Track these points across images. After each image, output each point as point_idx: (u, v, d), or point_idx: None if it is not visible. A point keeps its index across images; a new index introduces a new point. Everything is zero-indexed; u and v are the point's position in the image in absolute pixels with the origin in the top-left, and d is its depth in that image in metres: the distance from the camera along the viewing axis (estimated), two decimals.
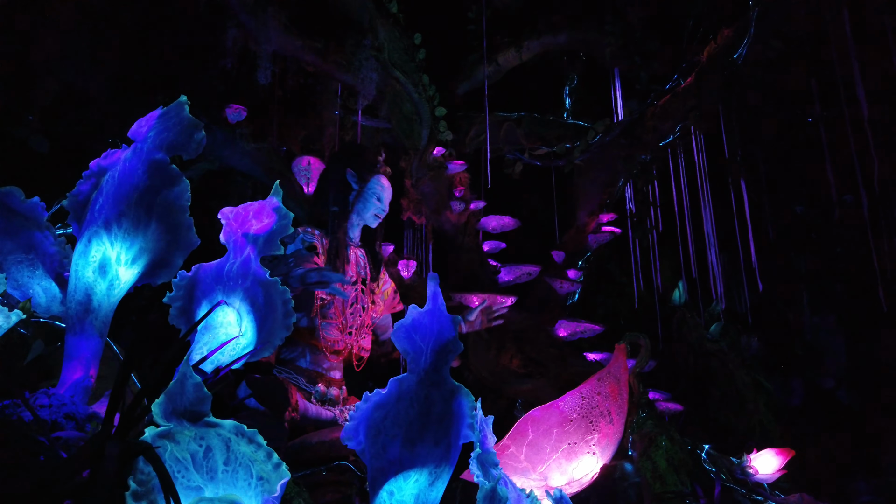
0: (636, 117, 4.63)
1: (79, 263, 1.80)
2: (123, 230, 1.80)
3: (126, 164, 1.83)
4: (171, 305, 1.83)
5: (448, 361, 1.64)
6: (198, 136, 1.85)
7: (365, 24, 4.78)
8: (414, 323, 1.63)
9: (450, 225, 5.27)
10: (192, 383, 1.35)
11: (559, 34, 5.38)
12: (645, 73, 4.87)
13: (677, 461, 3.22)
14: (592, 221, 5.45)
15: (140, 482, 1.22)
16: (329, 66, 4.56)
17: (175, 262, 1.89)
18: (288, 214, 1.90)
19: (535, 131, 5.24)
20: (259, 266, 1.81)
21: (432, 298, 1.66)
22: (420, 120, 4.94)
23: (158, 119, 1.84)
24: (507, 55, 5.50)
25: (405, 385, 1.62)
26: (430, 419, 1.61)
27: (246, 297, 1.78)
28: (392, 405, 1.62)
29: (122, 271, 1.83)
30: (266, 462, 1.30)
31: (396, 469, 1.62)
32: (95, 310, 1.80)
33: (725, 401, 6.35)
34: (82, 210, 1.88)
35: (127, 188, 1.81)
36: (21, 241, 2.21)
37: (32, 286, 2.28)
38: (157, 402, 1.31)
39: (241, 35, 4.24)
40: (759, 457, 3.46)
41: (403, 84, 4.84)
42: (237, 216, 1.86)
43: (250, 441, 1.32)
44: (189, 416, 1.33)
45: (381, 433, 1.63)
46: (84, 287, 1.79)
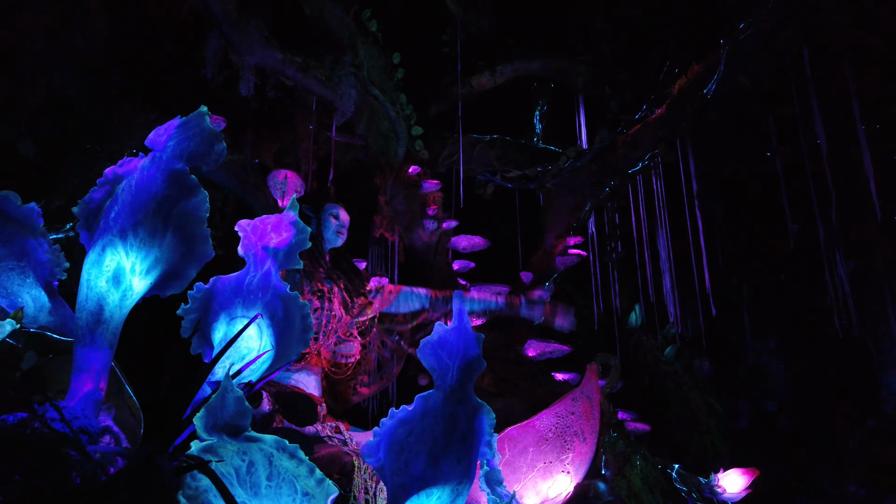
0: (607, 145, 4.78)
1: (91, 273, 1.75)
2: (139, 240, 1.76)
3: (144, 172, 1.79)
4: (185, 317, 1.80)
5: (473, 379, 1.67)
6: (218, 147, 1.83)
7: (345, 42, 4.81)
8: (440, 340, 1.66)
9: (421, 243, 5.30)
10: (234, 397, 1.33)
11: (532, 61, 5.53)
12: (615, 102, 5.04)
13: (652, 480, 3.31)
14: (560, 244, 5.57)
15: (189, 497, 1.19)
16: (308, 81, 4.56)
17: (188, 273, 1.86)
18: (305, 229, 1.90)
19: (508, 154, 5.35)
20: (279, 280, 1.80)
21: (458, 317, 1.69)
22: (397, 138, 4.97)
23: (178, 128, 1.82)
24: (480, 78, 5.61)
25: (431, 402, 1.64)
26: (455, 436, 1.63)
27: (266, 310, 1.76)
28: (417, 422, 1.64)
29: (136, 282, 1.78)
30: (309, 477, 1.29)
31: (419, 485, 1.63)
32: (107, 320, 1.75)
33: (680, 422, 6.55)
34: (94, 218, 1.83)
35: (145, 197, 1.77)
36: (14, 247, 2.12)
37: (22, 295, 2.19)
38: (199, 416, 1.29)
39: (221, 46, 4.20)
40: (726, 476, 3.58)
41: (381, 102, 4.88)
42: (255, 229, 1.85)
43: (292, 456, 1.31)
44: (230, 430, 1.31)
45: (405, 449, 1.64)
46: (96, 297, 1.74)
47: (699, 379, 6.92)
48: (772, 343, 10.06)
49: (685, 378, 6.68)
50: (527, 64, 5.52)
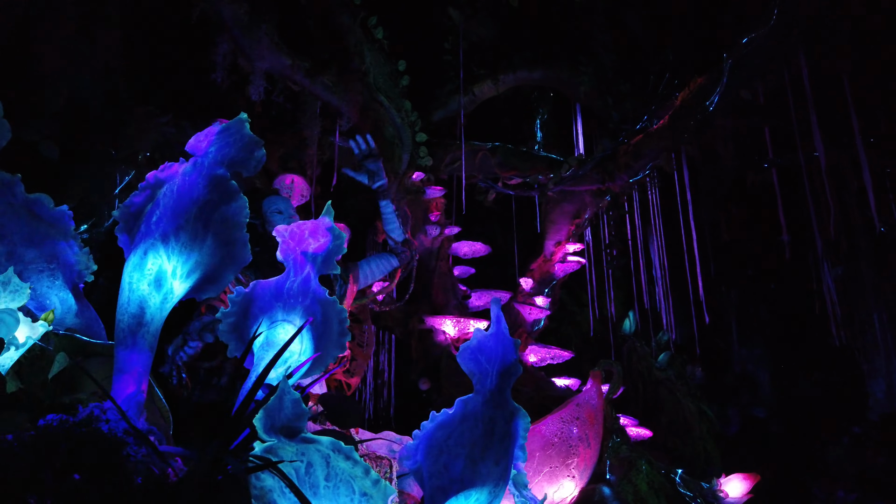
0: (609, 154, 4.86)
1: (133, 276, 1.77)
2: (181, 244, 1.79)
3: (186, 177, 1.82)
4: (223, 321, 1.82)
5: (510, 383, 1.71)
6: (258, 154, 1.86)
7: (351, 48, 4.84)
8: (479, 345, 1.70)
9: (423, 248, 5.34)
10: (291, 399, 1.36)
11: (534, 70, 5.60)
12: (616, 112, 5.12)
13: (657, 485, 3.37)
14: (559, 251, 5.64)
15: (255, 497, 1.22)
16: (316, 87, 4.59)
17: (226, 277, 1.88)
18: (341, 234, 1.93)
19: (509, 161, 5.41)
20: (318, 284, 1.83)
21: (496, 322, 1.73)
22: (401, 144, 5.01)
23: (219, 135, 1.85)
24: (483, 87, 5.67)
25: (470, 405, 1.68)
26: (493, 439, 1.67)
27: (305, 314, 1.79)
28: (456, 425, 1.67)
29: (177, 285, 1.81)
30: (365, 478, 1.32)
31: (458, 487, 1.66)
32: (148, 323, 1.77)
33: (672, 427, 6.62)
34: (134, 221, 1.85)
35: (186, 202, 1.80)
36: (45, 249, 2.13)
37: (50, 297, 2.20)
38: (258, 418, 1.32)
39: (230, 51, 4.22)
40: (728, 481, 3.66)
41: (387, 108, 4.92)
42: (293, 235, 1.88)
43: (347, 457, 1.34)
44: (287, 431, 1.34)
45: (444, 452, 1.68)
46: (138, 300, 1.76)
47: (692, 385, 7.01)
48: (758, 351, 10.23)
49: (678, 384, 6.76)
50: (528, 73, 5.59)
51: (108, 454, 1.29)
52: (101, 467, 1.28)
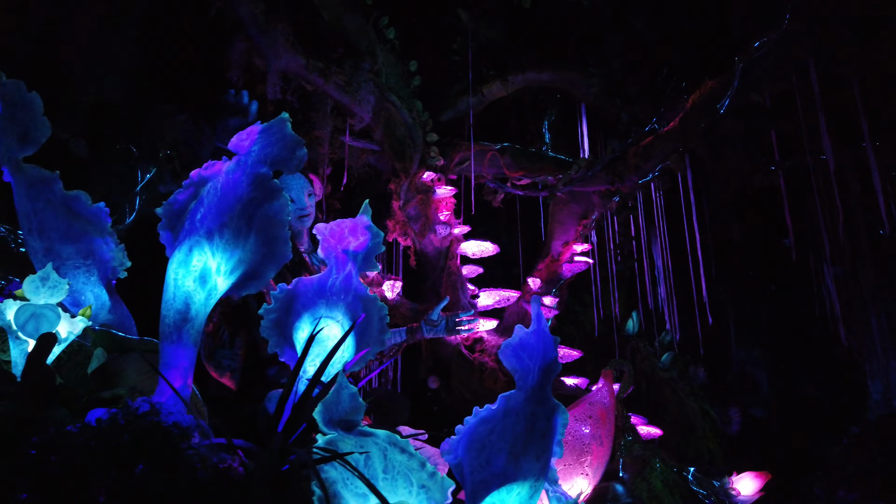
0: (618, 155, 4.90)
1: (178, 272, 1.79)
2: (224, 241, 1.81)
3: (229, 176, 1.84)
4: (265, 317, 1.85)
5: (551, 380, 1.74)
6: (300, 153, 1.89)
7: (364, 48, 4.87)
8: (521, 342, 1.73)
9: (432, 248, 5.37)
10: (348, 393, 1.39)
11: (543, 71, 5.64)
12: (625, 114, 5.17)
13: (672, 482, 3.41)
14: (567, 251, 5.68)
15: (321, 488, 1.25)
16: (329, 87, 4.62)
17: (267, 274, 1.91)
18: (379, 233, 1.96)
19: (518, 162, 5.44)
20: (359, 282, 1.86)
21: (537, 319, 1.77)
22: (412, 144, 5.04)
23: (261, 134, 1.88)
24: (492, 87, 5.71)
25: (512, 401, 1.71)
26: (535, 435, 1.70)
27: (348, 311, 1.82)
28: (499, 420, 1.71)
29: (220, 281, 1.83)
30: (422, 471, 1.35)
31: (500, 482, 1.70)
32: (192, 319, 1.79)
33: (676, 427, 6.68)
34: (177, 219, 1.88)
35: (230, 200, 1.83)
36: (81, 246, 2.15)
37: (85, 293, 2.22)
38: (318, 412, 1.35)
39: (246, 49, 4.24)
40: (739, 479, 3.70)
41: (398, 108, 4.95)
42: (332, 233, 1.91)
43: (403, 450, 1.38)
44: (344, 425, 1.37)
45: (486, 447, 1.71)
46: (183, 296, 1.79)
47: (694, 385, 7.07)
48: (757, 351, 10.30)
49: (681, 384, 6.82)
50: (537, 74, 5.63)
51: (170, 447, 1.32)
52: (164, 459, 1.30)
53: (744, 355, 10.23)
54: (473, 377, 4.82)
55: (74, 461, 1.29)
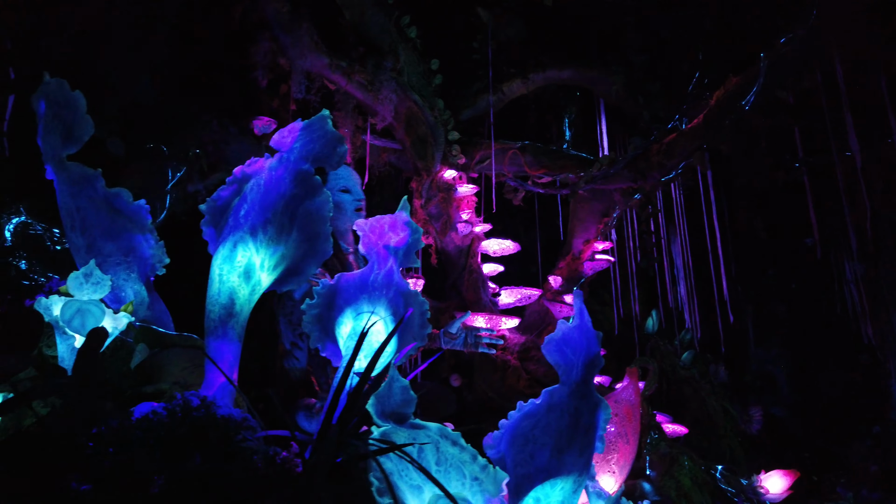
0: (640, 153, 4.89)
1: (223, 268, 1.81)
2: (268, 237, 1.83)
3: (272, 173, 1.86)
4: (307, 312, 1.86)
5: (595, 375, 1.74)
6: (340, 150, 1.91)
7: (386, 48, 4.88)
8: (564, 337, 1.73)
9: (453, 246, 5.38)
10: (399, 386, 1.40)
11: (564, 69, 5.63)
12: (647, 111, 5.15)
13: (700, 480, 3.39)
14: (588, 249, 5.67)
15: (378, 479, 1.26)
16: (352, 86, 4.63)
17: (307, 270, 1.93)
18: (418, 229, 1.97)
19: (539, 160, 5.44)
20: (400, 277, 1.87)
21: (579, 314, 1.77)
22: (434, 143, 5.05)
23: (303, 131, 1.89)
24: (512, 85, 5.70)
25: (556, 396, 1.71)
26: (579, 430, 1.71)
27: (389, 306, 1.83)
28: (543, 415, 1.71)
29: (264, 277, 1.85)
30: (473, 463, 1.36)
31: (544, 476, 1.70)
32: (237, 314, 1.81)
33: (697, 426, 6.63)
34: (220, 215, 1.90)
35: (273, 196, 1.84)
36: (122, 243, 2.17)
37: (126, 289, 2.25)
38: (371, 404, 1.36)
39: (270, 49, 4.26)
40: (768, 478, 3.68)
41: (420, 107, 4.96)
42: (373, 229, 1.92)
43: (454, 443, 1.38)
44: (396, 417, 1.38)
45: (530, 441, 1.71)
46: (228, 291, 1.80)
47: (715, 384, 7.02)
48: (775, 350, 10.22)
49: (702, 383, 6.78)
50: (558, 72, 5.62)
51: (227, 438, 1.33)
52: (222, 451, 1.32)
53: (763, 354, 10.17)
54: (496, 375, 4.82)
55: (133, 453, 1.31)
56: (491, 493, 1.31)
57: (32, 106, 2.08)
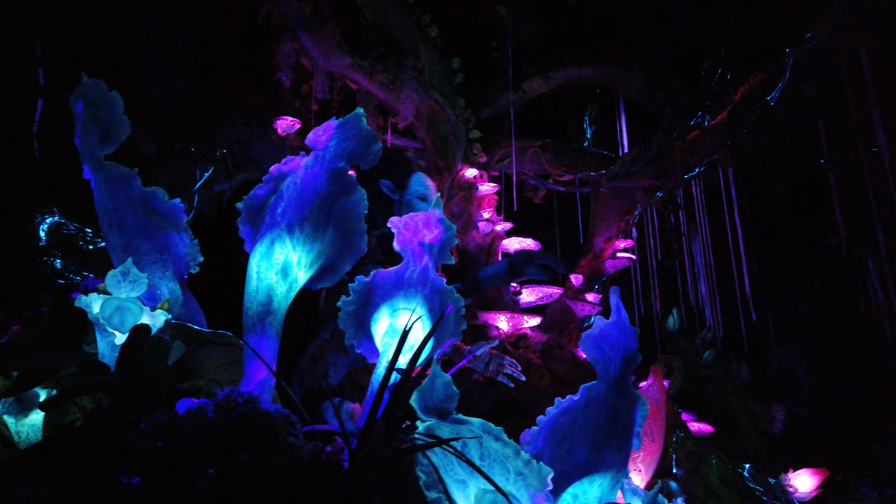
0: (663, 150, 4.86)
1: (261, 265, 1.83)
2: (305, 235, 1.84)
3: (308, 171, 1.88)
4: (344, 309, 1.87)
5: (632, 371, 1.74)
6: (375, 147, 1.92)
7: (407, 47, 4.89)
8: (602, 333, 1.73)
9: (474, 245, 5.38)
10: (442, 381, 1.41)
11: (584, 67, 5.61)
12: (670, 109, 5.12)
13: (729, 479, 3.37)
14: (609, 247, 5.65)
15: (424, 473, 1.27)
16: (373, 85, 4.65)
17: (343, 267, 1.94)
18: (452, 226, 1.98)
19: (560, 158, 5.43)
20: (436, 274, 1.88)
21: (616, 310, 1.76)
22: (455, 142, 5.06)
23: (338, 129, 1.90)
24: (532, 83, 5.69)
25: (594, 392, 1.71)
26: (616, 426, 1.70)
27: (426, 303, 1.84)
28: (580, 411, 1.71)
29: (301, 274, 1.87)
30: (517, 458, 1.36)
31: (582, 472, 1.70)
32: (275, 311, 1.83)
33: (720, 425, 6.59)
34: (257, 213, 1.92)
35: (310, 194, 1.86)
36: (157, 241, 2.20)
37: (161, 287, 2.27)
38: (414, 399, 1.37)
39: (293, 50, 4.29)
40: (796, 476, 3.65)
41: (442, 106, 4.96)
42: (407, 226, 1.93)
43: (497, 438, 1.39)
44: (439, 412, 1.39)
45: (568, 437, 1.71)
46: (266, 288, 1.82)
47: (737, 383, 6.97)
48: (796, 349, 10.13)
49: (724, 382, 6.73)
50: (578, 70, 5.60)
51: (273, 433, 1.35)
52: (269, 445, 1.33)
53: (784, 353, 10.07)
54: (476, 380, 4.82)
55: (182, 446, 1.32)
56: (536, 488, 1.31)
57: (70, 106, 2.11)
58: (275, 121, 4.26)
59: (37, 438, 1.78)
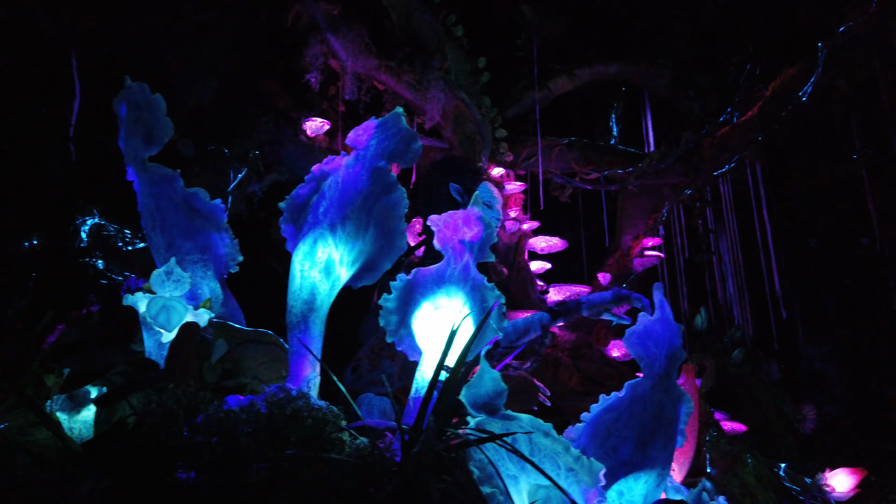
0: (692, 147, 4.82)
1: (304, 264, 1.85)
2: (346, 233, 1.86)
3: (349, 170, 1.89)
4: (384, 306, 1.89)
5: (677, 368, 1.73)
6: (414, 146, 1.93)
7: (433, 47, 4.91)
8: (646, 330, 1.72)
9: (501, 244, 5.37)
10: (490, 377, 1.42)
11: (610, 64, 5.58)
12: (698, 105, 5.08)
13: (765, 478, 3.33)
14: (637, 246, 5.61)
15: (479, 468, 1.28)
16: (401, 86, 4.67)
17: (383, 266, 1.95)
18: (491, 224, 1.98)
19: (587, 156, 5.41)
20: (477, 271, 1.88)
21: (661, 307, 1.76)
22: (482, 140, 5.06)
23: (378, 128, 1.92)
24: (558, 82, 5.68)
25: (639, 389, 1.71)
26: (662, 423, 1.70)
27: (467, 299, 1.85)
28: (625, 408, 1.70)
29: (343, 272, 1.88)
30: (566, 454, 1.36)
31: (627, 470, 1.69)
32: (318, 309, 1.85)
33: (750, 425, 6.51)
34: (299, 213, 1.94)
35: (351, 193, 1.87)
36: (199, 241, 2.23)
37: (202, 287, 2.31)
38: (464, 395, 1.38)
39: (321, 52, 4.33)
40: (833, 476, 3.59)
41: (468, 105, 4.97)
42: (447, 224, 1.93)
43: (546, 434, 1.39)
44: (487, 408, 1.39)
45: (612, 435, 1.71)
46: (310, 286, 1.84)
47: (768, 382, 6.88)
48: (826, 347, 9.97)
49: (754, 381, 6.65)
50: (604, 67, 5.58)
51: (326, 429, 1.36)
52: (321, 439, 1.34)
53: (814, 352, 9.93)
54: (548, 372, 4.80)
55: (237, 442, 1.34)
56: (587, 484, 1.31)
57: (114, 109, 2.15)
58: (303, 122, 4.30)
59: (89, 435, 1.82)
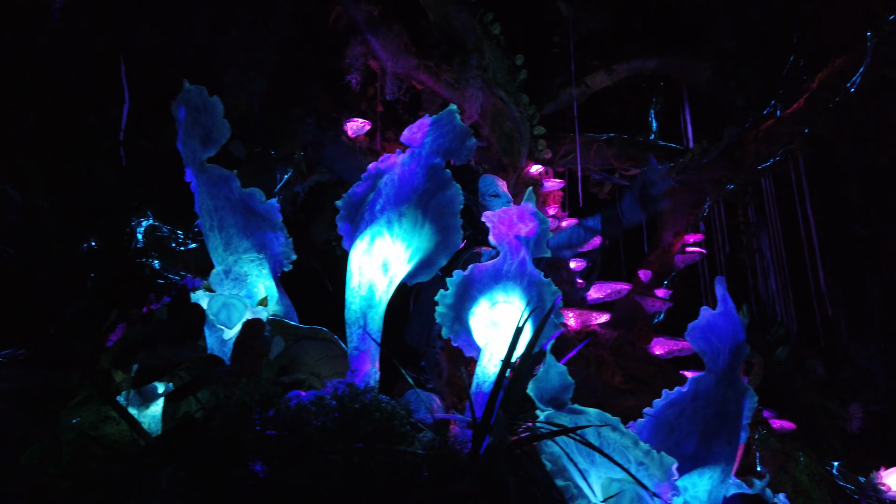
0: (735, 141, 4.74)
1: (362, 261, 1.87)
2: (403, 230, 1.88)
3: (405, 167, 1.91)
4: (441, 302, 1.90)
5: (741, 362, 1.71)
6: (469, 143, 1.93)
7: (470, 45, 4.91)
8: (709, 324, 1.70)
9: None
10: (557, 371, 1.41)
11: (649, 59, 5.52)
12: (741, 99, 4.99)
13: (818, 477, 3.27)
14: (678, 242, 5.54)
15: (549, 461, 1.28)
16: (439, 85, 4.68)
17: (439, 262, 1.96)
18: (545, 219, 1.98)
19: (626, 152, 5.36)
20: (533, 267, 1.88)
21: (723, 301, 1.74)
22: (520, 138, 5.05)
23: (432, 126, 1.92)
24: (595, 77, 5.63)
25: (703, 384, 1.69)
26: (726, 418, 1.67)
27: (524, 295, 1.85)
28: (688, 403, 1.69)
29: (399, 269, 1.90)
30: (636, 448, 1.36)
31: (691, 465, 1.68)
32: (376, 305, 1.86)
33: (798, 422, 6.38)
34: (356, 211, 1.96)
35: (407, 191, 1.89)
36: (255, 240, 2.27)
37: (258, 285, 2.35)
38: (531, 389, 1.38)
39: (362, 53, 4.36)
40: (889, 475, 3.50)
41: (506, 103, 4.96)
42: (502, 220, 1.94)
43: (614, 429, 1.38)
44: (555, 403, 1.39)
45: (675, 430, 1.69)
46: (368, 283, 1.86)
47: (813, 380, 6.74)
48: (871, 345, 9.71)
49: (799, 379, 6.52)
50: (643, 62, 5.52)
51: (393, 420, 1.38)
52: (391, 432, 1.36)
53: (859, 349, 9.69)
54: (591, 371, 4.77)
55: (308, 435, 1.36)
56: (659, 478, 1.30)
57: (172, 112, 2.20)
58: (344, 123, 4.34)
59: (157, 429, 1.86)
